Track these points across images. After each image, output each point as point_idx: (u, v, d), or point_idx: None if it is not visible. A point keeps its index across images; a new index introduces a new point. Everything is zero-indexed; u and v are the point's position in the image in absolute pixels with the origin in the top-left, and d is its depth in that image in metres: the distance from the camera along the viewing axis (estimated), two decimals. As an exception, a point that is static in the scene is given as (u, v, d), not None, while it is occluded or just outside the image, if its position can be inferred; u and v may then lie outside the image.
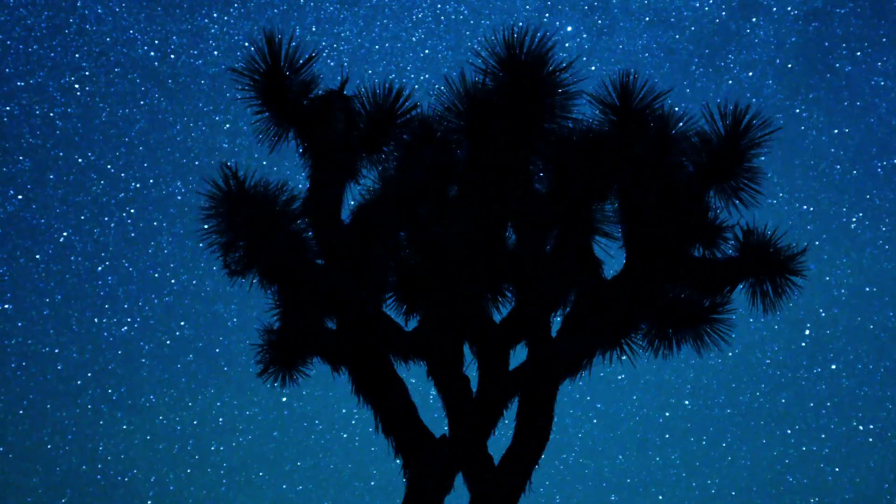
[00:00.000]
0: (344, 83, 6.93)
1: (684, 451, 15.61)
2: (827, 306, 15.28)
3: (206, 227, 6.47)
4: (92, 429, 14.81)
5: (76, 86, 14.40)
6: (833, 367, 15.28)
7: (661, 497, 15.52)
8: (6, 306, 14.47)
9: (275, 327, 6.76)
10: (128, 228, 14.95)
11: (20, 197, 14.41)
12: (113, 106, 14.68)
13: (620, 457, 15.86)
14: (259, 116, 6.93)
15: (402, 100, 7.04)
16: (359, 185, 7.03)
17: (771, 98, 15.42)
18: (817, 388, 15.34)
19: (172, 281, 15.15)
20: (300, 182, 6.92)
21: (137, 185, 14.87)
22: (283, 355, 6.80)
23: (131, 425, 15.01)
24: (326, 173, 6.80)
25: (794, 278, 6.81)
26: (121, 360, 14.97)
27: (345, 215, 6.86)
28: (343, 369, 6.72)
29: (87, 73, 14.39)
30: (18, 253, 14.64)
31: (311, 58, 6.83)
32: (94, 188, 14.75)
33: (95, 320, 14.82)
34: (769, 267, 6.73)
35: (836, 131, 15.30)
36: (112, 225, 14.82)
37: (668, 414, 15.28)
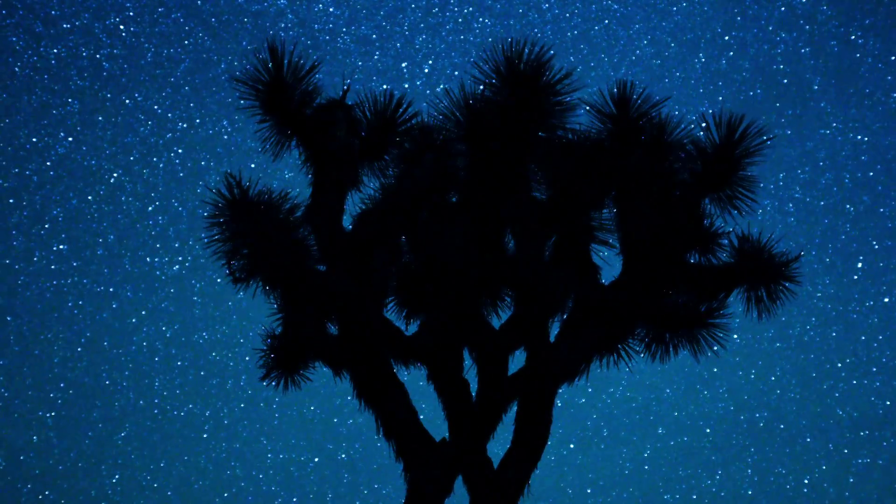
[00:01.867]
0: (345, 93, 7.03)
1: (732, 384, 15.30)
2: (880, 238, 14.73)
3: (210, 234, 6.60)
4: (148, 365, 15.02)
5: (121, 27, 14.44)
6: (886, 300, 14.76)
7: (708, 430, 15.32)
8: (61, 247, 14.59)
9: (277, 332, 6.88)
10: (176, 168, 14.92)
11: (70, 139, 14.51)
12: (158, 46, 14.69)
13: (668, 391, 15.56)
14: (258, 124, 7.07)
15: (402, 108, 7.14)
16: (360, 192, 7.14)
17: (825, 24, 14.74)
18: (869, 322, 14.87)
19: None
20: (302, 187, 7.04)
21: (184, 126, 14.84)
22: (285, 360, 6.91)
23: (185, 361, 15.13)
24: (328, 181, 6.90)
25: (788, 284, 6.92)
26: (173, 299, 15.11)
27: (346, 222, 6.97)
28: (344, 373, 6.82)
29: (131, 14, 14.44)
30: (71, 194, 14.68)
31: (313, 67, 6.93)
32: (141, 129, 14.76)
33: (148, 259, 14.88)
34: (764, 273, 6.83)
35: (892, 58, 14.57)
36: (161, 165, 14.85)
37: (716, 347, 15.14)
